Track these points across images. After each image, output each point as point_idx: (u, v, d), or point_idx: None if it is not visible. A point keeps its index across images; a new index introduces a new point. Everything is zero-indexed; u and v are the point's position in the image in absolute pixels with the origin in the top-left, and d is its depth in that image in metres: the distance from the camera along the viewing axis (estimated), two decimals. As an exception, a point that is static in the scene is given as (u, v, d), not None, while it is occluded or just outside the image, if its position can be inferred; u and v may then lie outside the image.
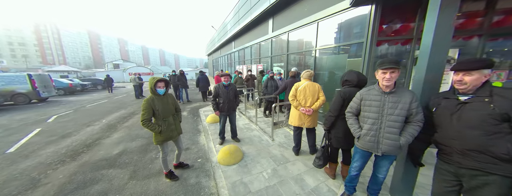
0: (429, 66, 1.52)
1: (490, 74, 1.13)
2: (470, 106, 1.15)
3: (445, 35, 1.46)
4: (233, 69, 12.39)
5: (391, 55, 3.22)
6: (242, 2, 8.35)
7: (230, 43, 12.54)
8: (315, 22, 4.20)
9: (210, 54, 22.52)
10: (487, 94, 1.12)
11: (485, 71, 1.12)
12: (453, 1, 1.40)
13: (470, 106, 1.15)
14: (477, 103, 1.13)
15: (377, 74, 1.50)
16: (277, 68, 6.29)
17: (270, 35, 6.43)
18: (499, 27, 2.57)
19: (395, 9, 2.95)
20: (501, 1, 2.50)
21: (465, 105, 1.17)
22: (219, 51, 17.05)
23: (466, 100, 1.17)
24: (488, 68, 1.12)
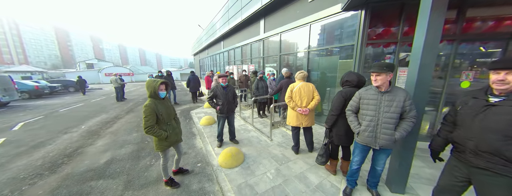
0: (421, 67, 1.70)
1: None
2: (497, 109, 1.10)
3: (434, 39, 1.63)
4: (221, 69, 12.21)
5: (379, 56, 3.49)
6: (232, 2, 8.29)
7: (219, 43, 12.34)
8: (307, 24, 4.36)
9: (197, 54, 21.90)
10: None
11: None
12: (441, 8, 1.58)
13: (497, 109, 1.10)
14: (505, 107, 1.07)
15: (372, 76, 1.65)
16: (269, 68, 6.37)
17: (262, 36, 6.49)
18: (467, 32, 2.95)
19: (382, 14, 3.20)
20: (470, 10, 2.87)
21: (491, 108, 1.12)
22: (206, 51, 16.66)
23: (496, 103, 1.11)
24: None
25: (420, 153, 2.76)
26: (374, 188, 1.96)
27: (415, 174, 2.25)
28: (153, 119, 1.91)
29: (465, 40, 3.03)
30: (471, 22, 2.96)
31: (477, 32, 2.97)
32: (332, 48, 4.05)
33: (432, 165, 2.44)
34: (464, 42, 3.05)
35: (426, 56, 1.67)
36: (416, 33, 1.72)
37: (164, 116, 1.98)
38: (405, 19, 3.06)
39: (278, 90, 3.92)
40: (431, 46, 1.64)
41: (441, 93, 3.14)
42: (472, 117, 1.19)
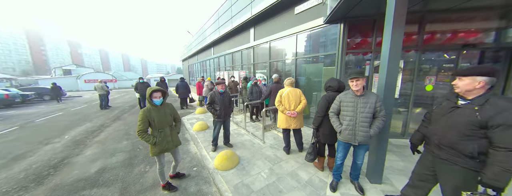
0: (388, 74, 2.05)
1: (483, 82, 1.19)
2: (460, 111, 1.28)
3: (396, 49, 2.00)
4: (211, 75, 12.33)
5: (357, 63, 3.94)
6: (222, 10, 8.62)
7: (209, 49, 12.52)
8: (294, 34, 4.77)
9: (186, 60, 21.75)
10: (481, 103, 1.20)
11: (478, 78, 1.20)
12: (400, 24, 1.96)
13: (460, 111, 1.28)
14: (467, 110, 1.25)
15: (349, 82, 1.97)
16: (259, 74, 6.67)
17: (252, 43, 6.83)
18: (429, 43, 3.50)
19: (358, 27, 3.67)
20: (428, 25, 3.43)
21: (457, 109, 1.30)
22: (196, 57, 16.69)
23: (461, 105, 1.30)
24: (482, 76, 1.19)
25: (395, 149, 3.14)
26: (356, 180, 2.24)
27: (390, 167, 2.59)
28: (144, 125, 2.02)
29: (427, 50, 3.59)
30: (431, 35, 3.53)
31: (437, 43, 3.54)
32: (317, 56, 4.46)
33: (405, 159, 2.81)
34: (427, 51, 3.61)
35: (391, 64, 2.03)
36: (382, 45, 2.10)
37: (156, 123, 2.07)
38: (377, 32, 3.55)
39: (268, 95, 4.19)
40: (395, 55, 2.01)
41: (410, 95, 3.62)
42: (441, 116, 1.40)
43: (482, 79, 1.20)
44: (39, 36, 77.08)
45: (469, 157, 1.23)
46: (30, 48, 72.50)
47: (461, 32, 3.48)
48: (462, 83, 1.26)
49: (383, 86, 2.09)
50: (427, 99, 3.72)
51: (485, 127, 1.17)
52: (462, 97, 1.33)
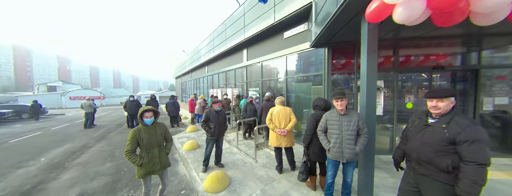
0: (367, 94, 2.27)
1: (454, 102, 1.38)
2: (431, 129, 1.42)
3: (373, 72, 2.25)
4: (203, 92, 12.44)
5: (345, 81, 4.25)
6: (217, 33, 9.24)
7: (203, 68, 12.90)
8: (284, 56, 5.17)
9: (179, 77, 21.99)
10: (447, 121, 1.35)
11: (452, 98, 1.38)
12: (374, 50, 2.25)
13: (431, 129, 1.42)
14: (436, 128, 1.39)
15: (333, 102, 2.15)
16: (252, 92, 6.88)
17: (245, 63, 7.21)
18: (403, 66, 3.92)
19: (341, 50, 4.09)
20: (401, 49, 3.90)
21: (428, 127, 1.44)
22: (190, 74, 16.99)
23: (431, 123, 1.45)
24: (453, 96, 1.38)
25: (385, 166, 3.22)
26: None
27: (381, 184, 2.63)
28: (132, 145, 2.01)
29: (403, 71, 4.00)
30: (406, 57, 3.99)
31: (412, 65, 3.98)
32: (305, 76, 4.79)
33: (394, 175, 2.87)
34: (404, 72, 4.02)
35: (369, 84, 2.26)
36: (361, 67, 2.36)
37: (145, 143, 2.06)
38: (358, 55, 3.96)
39: (260, 113, 4.30)
40: (371, 76, 2.25)
41: (393, 112, 3.87)
42: (416, 133, 1.53)
43: (453, 99, 1.38)
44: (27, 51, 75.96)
45: (445, 171, 1.33)
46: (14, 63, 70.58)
47: (432, 55, 3.97)
48: (443, 104, 1.39)
49: (364, 104, 2.29)
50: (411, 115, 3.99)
51: (454, 143, 1.29)
52: (431, 115, 1.49)
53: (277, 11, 4.87)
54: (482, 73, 3.66)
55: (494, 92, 3.57)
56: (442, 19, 1.48)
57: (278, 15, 4.83)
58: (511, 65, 3.59)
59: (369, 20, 1.69)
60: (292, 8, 4.37)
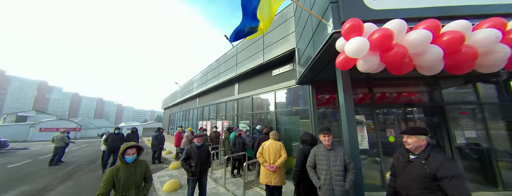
0: (348, 128, 2.45)
1: (425, 140, 1.50)
2: (413, 165, 1.50)
3: (350, 108, 2.51)
4: (192, 124, 12.12)
5: (331, 115, 4.51)
6: (210, 68, 9.95)
7: (194, 100, 13.07)
8: (273, 91, 5.58)
9: (168, 108, 21.63)
10: (425, 157, 1.44)
11: (421, 136, 1.50)
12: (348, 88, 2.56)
13: (413, 165, 1.50)
14: (417, 163, 1.47)
15: (320, 137, 2.29)
16: (242, 125, 6.89)
17: (236, 96, 7.54)
18: (379, 103, 4.38)
19: (324, 87, 4.55)
20: (375, 88, 4.45)
21: (410, 163, 1.52)
22: (180, 105, 16.90)
23: (412, 159, 1.54)
24: (423, 135, 1.50)
25: None
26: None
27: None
28: (107, 187, 1.84)
29: (380, 107, 4.42)
30: (382, 94, 4.50)
31: (387, 101, 4.45)
32: (293, 110, 5.06)
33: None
34: (381, 108, 4.44)
35: (349, 119, 2.48)
36: (340, 104, 2.63)
37: (122, 184, 1.90)
38: (339, 92, 4.42)
39: (255, 146, 4.23)
40: (350, 112, 2.49)
41: (378, 146, 4.02)
42: (401, 170, 1.58)
43: (424, 137, 1.51)
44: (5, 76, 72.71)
45: None
46: (-14, 91, 66.08)
47: (404, 92, 4.53)
48: (411, 140, 1.53)
49: (347, 138, 2.43)
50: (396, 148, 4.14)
51: (436, 179, 1.35)
52: (411, 152, 1.59)
53: (266, 53, 5.59)
54: (448, 109, 4.16)
55: (461, 125, 3.97)
56: (395, 70, 1.87)
57: (267, 56, 5.52)
58: (468, 102, 4.17)
59: (339, 68, 2.06)
60: (278, 51, 5.09)
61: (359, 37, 1.69)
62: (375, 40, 1.64)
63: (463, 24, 1.65)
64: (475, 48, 1.64)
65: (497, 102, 3.84)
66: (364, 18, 1.86)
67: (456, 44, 1.62)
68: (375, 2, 2.02)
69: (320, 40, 2.53)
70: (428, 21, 1.70)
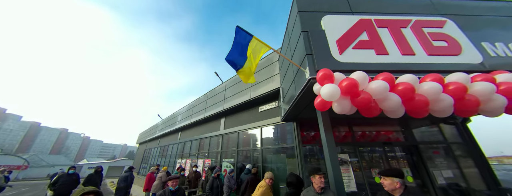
0: (333, 169, 2.43)
1: (399, 183, 1.55)
2: None
3: (332, 148, 2.57)
4: (169, 162, 10.89)
5: (318, 153, 4.45)
6: (197, 102, 9.99)
7: (176, 134, 12.29)
8: (259, 127, 5.60)
9: (144, 143, 19.69)
10: None
11: (395, 178, 1.56)
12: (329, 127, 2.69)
13: None
14: None
15: (314, 178, 2.19)
16: (226, 163, 6.39)
17: (222, 131, 7.32)
18: (360, 141, 4.56)
19: (309, 125, 4.72)
20: (354, 127, 4.72)
21: None
22: (158, 140, 15.57)
23: None
24: (396, 177, 1.56)
25: None
26: None
27: None
28: None
29: (362, 145, 4.57)
30: (362, 133, 4.73)
31: (367, 140, 4.64)
32: (279, 148, 4.98)
33: None
34: (363, 146, 4.58)
35: (332, 159, 2.49)
36: (322, 144, 2.69)
37: None
38: (322, 129, 4.59)
39: (244, 189, 3.79)
40: (332, 153, 2.54)
41: (365, 186, 3.88)
42: None
43: (398, 180, 1.55)
44: None
45: None
46: None
47: (382, 131, 4.82)
48: (387, 182, 1.59)
49: (332, 180, 2.37)
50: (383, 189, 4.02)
51: None
52: (391, 195, 1.61)
53: (253, 90, 5.95)
54: (423, 148, 4.42)
55: (437, 165, 4.15)
56: (365, 113, 2.11)
57: (254, 93, 5.84)
58: (437, 141, 4.53)
59: (318, 109, 2.27)
60: (265, 89, 5.46)
61: (331, 84, 1.98)
62: (344, 87, 1.93)
63: (410, 78, 2.06)
64: (425, 97, 1.99)
65: (460, 141, 4.23)
66: (333, 69, 2.24)
67: (409, 93, 1.96)
68: (342, 56, 2.49)
69: (300, 83, 2.86)
70: (384, 73, 2.10)
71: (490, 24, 2.77)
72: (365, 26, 2.64)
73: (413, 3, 3.00)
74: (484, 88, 1.99)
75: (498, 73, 2.18)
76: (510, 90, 2.03)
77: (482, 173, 3.75)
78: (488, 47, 2.52)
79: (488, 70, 2.34)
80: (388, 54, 2.45)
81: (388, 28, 2.62)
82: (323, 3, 3.00)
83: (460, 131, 4.25)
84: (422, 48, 2.48)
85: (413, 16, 2.74)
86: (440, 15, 2.81)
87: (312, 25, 2.74)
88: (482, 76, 2.11)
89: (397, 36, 2.56)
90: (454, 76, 2.12)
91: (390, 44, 2.51)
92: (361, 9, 2.88)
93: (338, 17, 2.78)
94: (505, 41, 2.57)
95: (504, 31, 2.69)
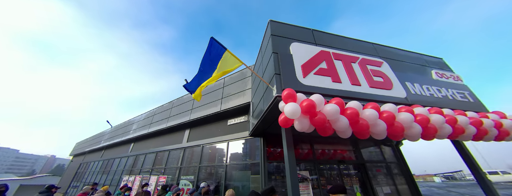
0: (292, 184, 2.57)
1: None
2: None
3: (292, 163, 2.73)
4: (113, 180, 9.21)
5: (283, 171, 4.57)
6: (160, 109, 9.22)
7: (127, 145, 10.73)
8: (226, 141, 5.49)
9: (80, 155, 16.31)
10: None
11: (340, 195, 1.79)
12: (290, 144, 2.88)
13: None
14: None
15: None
16: (185, 182, 5.85)
17: (185, 144, 6.82)
18: (320, 158, 4.96)
19: (275, 141, 4.90)
20: (315, 144, 5.15)
21: None
22: (101, 152, 13.18)
23: None
24: (342, 193, 1.80)
25: None
26: None
27: None
28: None
29: (321, 163, 4.97)
30: (322, 150, 5.16)
31: (326, 158, 5.08)
32: (245, 163, 4.93)
33: None
34: (322, 164, 4.97)
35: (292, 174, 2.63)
36: (285, 160, 2.85)
37: None
38: (287, 146, 4.84)
39: None
40: (292, 167, 2.70)
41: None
42: None
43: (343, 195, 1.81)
44: None
45: None
46: None
47: (338, 150, 5.37)
48: None
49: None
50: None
51: None
52: None
53: (224, 102, 5.95)
54: (369, 166, 5.10)
55: (379, 182, 4.81)
56: (321, 132, 2.41)
57: (224, 106, 5.83)
58: (380, 161, 5.32)
59: (281, 125, 2.47)
60: (236, 102, 5.55)
61: (294, 103, 2.23)
62: (303, 107, 2.20)
63: (356, 104, 2.51)
64: (367, 121, 2.42)
65: (395, 161, 5.09)
66: (297, 89, 2.55)
67: (355, 117, 2.37)
68: (305, 79, 2.86)
69: (268, 99, 3.08)
70: (337, 98, 2.50)
71: (411, 69, 3.72)
72: (324, 57, 3.16)
73: (362, 45, 3.80)
74: (406, 117, 2.57)
75: (415, 107, 2.87)
76: (423, 120, 2.68)
77: (410, 189, 4.52)
78: (410, 86, 3.34)
79: (410, 104, 3.05)
80: (341, 83, 2.95)
81: (342, 61, 3.20)
82: (293, 31, 3.49)
83: (395, 152, 5.14)
84: (366, 81, 3.09)
85: (361, 55, 3.45)
86: (379, 57, 3.62)
87: (282, 48, 3.11)
88: (405, 108, 2.74)
89: (348, 68, 3.14)
90: (386, 106, 2.69)
91: (343, 74, 3.04)
92: (323, 42, 3.46)
93: (304, 45, 3.25)
94: (420, 83, 3.46)
95: (419, 75, 3.65)
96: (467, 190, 13.67)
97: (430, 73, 3.88)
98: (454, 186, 18.86)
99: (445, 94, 3.51)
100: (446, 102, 3.41)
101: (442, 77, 3.84)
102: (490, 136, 3.05)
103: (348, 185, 4.78)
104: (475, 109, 3.46)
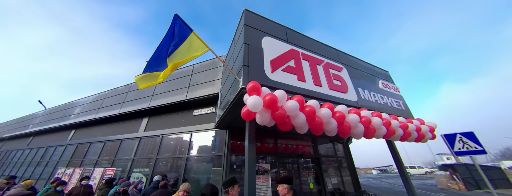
0: (249, 177, 2.70)
1: (287, 188, 1.91)
2: None
3: (252, 158, 2.87)
4: (44, 172, 7.84)
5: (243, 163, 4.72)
6: (113, 92, 8.16)
7: (66, 132, 9.19)
8: (189, 132, 5.30)
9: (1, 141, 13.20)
10: None
11: (284, 184, 1.90)
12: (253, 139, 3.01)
13: None
14: None
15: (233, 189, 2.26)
16: (138, 174, 5.42)
17: (141, 134, 6.28)
18: (282, 152, 5.32)
19: (240, 134, 4.98)
20: (279, 139, 5.47)
21: None
22: (29, 139, 10.94)
23: None
24: (284, 183, 1.92)
25: None
26: None
27: None
28: None
29: (282, 156, 5.33)
30: (285, 145, 5.52)
31: (288, 152, 5.46)
32: (208, 156, 4.89)
33: None
34: (284, 157, 5.35)
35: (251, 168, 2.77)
36: (245, 153, 2.96)
37: None
38: (251, 140, 5.00)
39: None
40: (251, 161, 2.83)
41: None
42: None
43: (286, 186, 1.93)
44: None
45: None
46: None
47: (299, 145, 5.83)
48: (279, 189, 1.93)
49: (247, 187, 2.61)
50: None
51: None
52: None
53: (191, 91, 5.68)
54: (324, 160, 5.74)
55: (329, 174, 5.51)
56: (281, 126, 2.58)
57: (191, 94, 5.57)
58: (332, 156, 6.06)
59: (243, 118, 2.53)
60: (204, 92, 5.37)
61: (257, 96, 2.31)
62: (266, 101, 2.31)
63: (315, 102, 2.77)
64: (321, 118, 2.71)
65: (344, 156, 5.89)
66: (263, 83, 2.64)
67: (312, 114, 2.61)
68: (272, 74, 2.98)
69: (235, 90, 3.09)
70: (298, 96, 2.70)
71: (364, 77, 4.31)
72: (294, 55, 3.34)
73: (328, 50, 4.16)
74: (354, 118, 2.98)
75: (362, 110, 3.34)
76: (366, 122, 3.16)
77: (353, 180, 5.32)
78: (361, 91, 3.87)
79: (359, 107, 3.54)
80: (305, 82, 3.19)
81: (309, 62, 3.45)
82: (267, 25, 3.54)
83: (345, 149, 5.94)
84: (326, 83, 3.43)
85: (326, 58, 3.79)
86: (340, 62, 4.05)
87: (254, 40, 3.14)
88: (354, 110, 3.16)
89: (313, 70, 3.41)
90: (340, 107, 3.05)
91: (308, 74, 3.29)
92: (294, 41, 3.64)
93: (276, 41, 3.36)
94: (369, 89, 4.05)
95: (369, 83, 4.27)
96: (394, 181, 17.30)
97: (378, 82, 4.57)
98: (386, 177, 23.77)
99: (386, 101, 4.21)
100: (386, 108, 4.09)
101: (386, 87, 4.59)
102: (412, 138, 3.84)
103: (305, 177, 5.30)
104: (405, 116, 4.27)
